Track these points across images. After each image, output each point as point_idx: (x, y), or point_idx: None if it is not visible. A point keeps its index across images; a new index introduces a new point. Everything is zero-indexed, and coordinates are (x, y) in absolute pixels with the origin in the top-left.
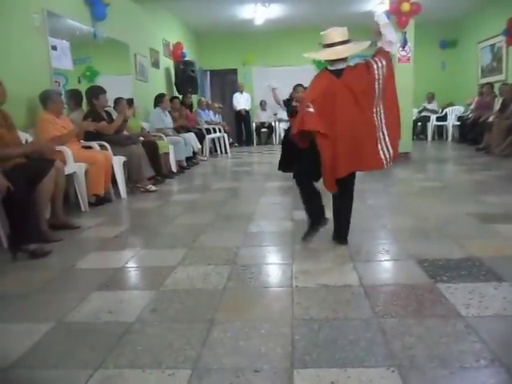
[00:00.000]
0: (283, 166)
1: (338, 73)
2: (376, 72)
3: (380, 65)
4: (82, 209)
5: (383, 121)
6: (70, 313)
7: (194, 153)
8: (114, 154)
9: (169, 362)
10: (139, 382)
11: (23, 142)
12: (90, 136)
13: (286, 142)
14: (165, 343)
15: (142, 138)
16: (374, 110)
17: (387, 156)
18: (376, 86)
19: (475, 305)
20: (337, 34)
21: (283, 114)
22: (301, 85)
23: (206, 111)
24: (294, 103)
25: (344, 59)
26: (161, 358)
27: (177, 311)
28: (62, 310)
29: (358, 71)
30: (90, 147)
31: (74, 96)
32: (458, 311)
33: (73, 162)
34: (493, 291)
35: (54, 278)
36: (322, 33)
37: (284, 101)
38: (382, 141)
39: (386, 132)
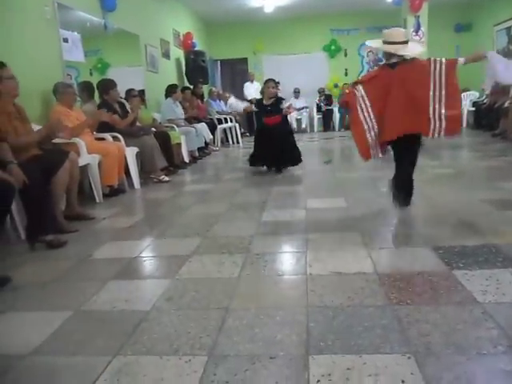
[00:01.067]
0: (253, 160)
1: (393, 65)
2: (432, 67)
3: (438, 63)
4: (97, 200)
5: (442, 101)
6: (88, 302)
7: (206, 143)
8: (127, 145)
9: (185, 348)
10: (156, 369)
11: None
12: (103, 128)
13: (260, 137)
14: (181, 331)
15: (154, 129)
16: (431, 102)
17: (437, 126)
18: (431, 79)
19: (492, 291)
20: (399, 34)
21: (295, 103)
22: (272, 80)
23: (217, 101)
24: (265, 102)
25: (400, 55)
26: (177, 345)
27: (192, 299)
28: (80, 299)
29: (412, 65)
30: (103, 139)
31: (87, 88)
32: (475, 298)
33: (86, 154)
34: (510, 277)
35: (70, 267)
36: (385, 31)
37: (255, 103)
38: (437, 112)
39: (443, 105)
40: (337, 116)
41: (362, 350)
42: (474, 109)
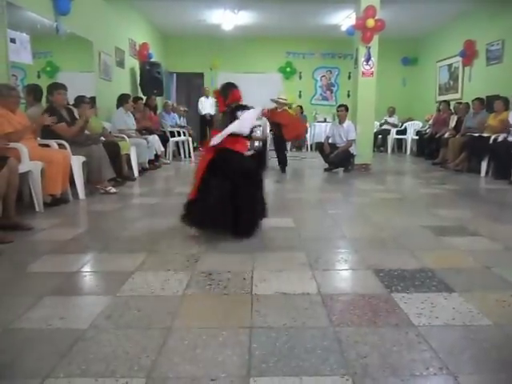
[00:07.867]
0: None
1: None
2: None
3: None
4: (37, 209)
5: None
6: (18, 319)
7: (157, 155)
8: (74, 154)
9: (123, 370)
10: None
11: None
12: (48, 134)
13: None
14: (119, 351)
15: (103, 138)
16: None
17: None
18: None
19: (426, 314)
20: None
21: None
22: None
23: (171, 114)
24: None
25: None
26: (114, 367)
27: (133, 318)
28: (10, 316)
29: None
30: (47, 145)
31: (33, 91)
32: (411, 320)
33: (28, 160)
34: (443, 301)
35: (3, 281)
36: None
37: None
38: None
39: None
40: None
41: (302, 371)
42: (417, 137)
